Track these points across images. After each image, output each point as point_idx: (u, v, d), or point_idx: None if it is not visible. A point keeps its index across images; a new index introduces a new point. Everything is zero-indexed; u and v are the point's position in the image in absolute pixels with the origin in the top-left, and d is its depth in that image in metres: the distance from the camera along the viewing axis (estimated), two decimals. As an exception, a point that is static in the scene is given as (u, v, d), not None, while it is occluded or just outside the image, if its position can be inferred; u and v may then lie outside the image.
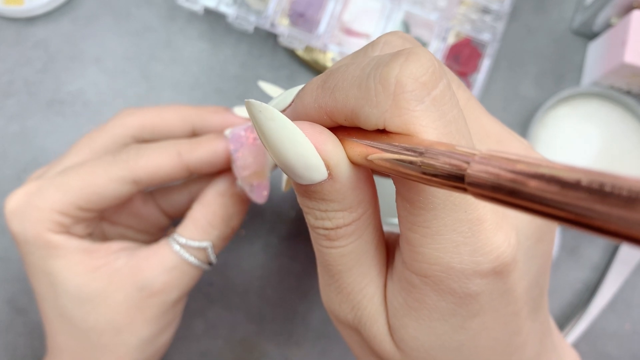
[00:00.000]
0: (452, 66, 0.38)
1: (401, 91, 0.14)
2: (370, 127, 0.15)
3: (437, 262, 0.16)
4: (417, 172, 0.13)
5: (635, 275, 0.40)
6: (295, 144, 0.15)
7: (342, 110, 0.15)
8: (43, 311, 0.27)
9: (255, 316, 0.39)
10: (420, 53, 0.15)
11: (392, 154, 0.14)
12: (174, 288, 0.27)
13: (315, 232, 0.18)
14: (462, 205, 0.15)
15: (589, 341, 0.40)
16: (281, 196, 0.40)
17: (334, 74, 0.16)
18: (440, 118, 0.15)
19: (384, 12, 0.39)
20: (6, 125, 0.40)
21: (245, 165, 0.25)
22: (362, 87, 0.15)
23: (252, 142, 0.25)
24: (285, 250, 0.40)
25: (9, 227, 0.26)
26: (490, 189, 0.10)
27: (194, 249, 0.26)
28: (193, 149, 0.26)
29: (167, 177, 0.26)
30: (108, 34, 0.41)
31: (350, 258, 0.18)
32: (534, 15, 0.43)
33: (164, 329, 0.28)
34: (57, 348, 0.27)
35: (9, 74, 0.40)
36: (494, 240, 0.16)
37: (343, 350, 0.39)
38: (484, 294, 0.17)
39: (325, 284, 0.19)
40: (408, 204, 0.16)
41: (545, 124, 0.40)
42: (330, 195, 0.16)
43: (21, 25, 0.41)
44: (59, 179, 0.25)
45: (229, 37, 0.41)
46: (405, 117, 0.14)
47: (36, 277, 0.26)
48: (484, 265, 0.16)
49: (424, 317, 0.17)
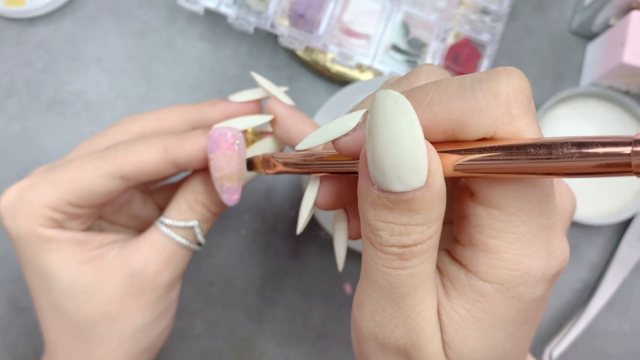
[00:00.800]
0: (451, 67, 0.39)
1: (513, 100, 0.16)
2: (477, 137, 0.16)
3: (518, 267, 0.17)
4: (571, 160, 0.14)
5: (633, 275, 0.40)
6: (414, 143, 0.15)
7: (442, 123, 0.16)
8: (38, 306, 0.27)
9: (255, 316, 0.39)
10: (517, 70, 0.16)
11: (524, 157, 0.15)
12: (165, 270, 0.27)
13: (385, 251, 0.17)
14: (544, 211, 0.17)
15: (588, 340, 0.40)
16: (281, 196, 0.40)
17: (419, 91, 0.17)
18: (537, 124, 0.16)
19: (384, 12, 0.39)
20: (7, 126, 0.40)
21: (218, 167, 0.25)
22: (469, 98, 0.16)
23: (224, 147, 0.25)
24: (285, 250, 0.40)
25: (3, 223, 0.26)
26: None
27: (181, 229, 0.27)
28: (179, 144, 0.26)
29: (154, 173, 0.26)
30: (109, 34, 0.41)
31: (418, 279, 0.17)
32: (533, 15, 0.43)
33: (158, 318, 0.28)
34: (52, 343, 0.27)
35: (10, 74, 0.41)
36: (562, 245, 0.17)
37: (343, 349, 0.39)
38: (541, 299, 0.18)
39: (376, 310, 0.18)
40: (497, 211, 0.17)
41: (545, 124, 0.40)
42: (420, 205, 0.16)
43: (22, 26, 0.41)
44: (49, 175, 0.26)
45: (230, 38, 0.42)
46: (517, 124, 0.16)
47: (30, 272, 0.26)
48: (554, 269, 0.17)
49: (487, 328, 0.17)
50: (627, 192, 0.39)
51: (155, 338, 0.28)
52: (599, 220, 0.39)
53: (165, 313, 0.28)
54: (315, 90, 0.41)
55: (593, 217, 0.39)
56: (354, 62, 0.38)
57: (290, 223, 0.40)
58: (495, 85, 0.16)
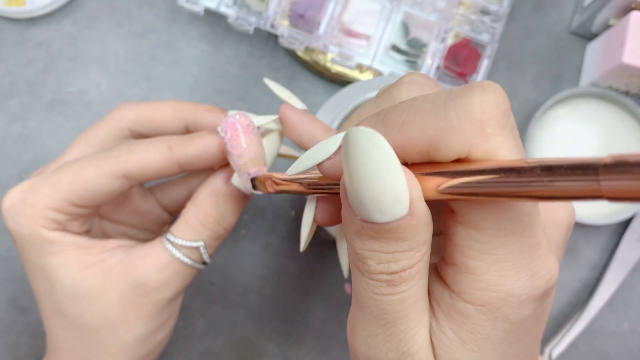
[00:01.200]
0: (451, 67, 0.39)
1: (488, 117, 0.15)
2: (450, 157, 0.15)
3: (499, 289, 0.16)
4: (536, 186, 0.14)
5: (633, 275, 0.40)
6: (393, 176, 0.15)
7: (417, 143, 0.16)
8: (41, 308, 0.27)
9: (256, 315, 0.39)
10: (494, 85, 0.15)
11: (492, 176, 0.15)
12: (167, 287, 0.27)
13: (374, 278, 0.17)
14: (527, 231, 0.16)
15: (588, 340, 0.40)
16: (281, 196, 0.40)
17: (393, 111, 0.16)
18: (516, 141, 0.16)
19: (384, 13, 0.39)
20: (8, 126, 0.40)
21: (241, 153, 0.25)
22: (442, 117, 0.15)
23: (244, 129, 0.24)
24: (285, 250, 0.40)
25: (6, 225, 0.26)
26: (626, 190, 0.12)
27: (187, 248, 0.27)
28: (184, 144, 0.26)
29: (157, 172, 0.26)
30: (109, 34, 0.41)
31: (409, 303, 0.17)
32: (532, 16, 0.43)
33: (159, 328, 0.28)
34: (55, 345, 0.27)
35: (11, 74, 0.41)
36: (548, 264, 0.17)
37: (343, 349, 0.39)
38: (531, 318, 0.17)
39: (368, 335, 0.18)
40: (476, 232, 0.16)
41: (544, 125, 0.40)
42: (405, 232, 0.16)
43: (23, 26, 0.41)
44: (51, 177, 0.26)
45: (230, 38, 0.42)
46: (492, 142, 0.15)
47: (33, 273, 0.26)
48: (539, 289, 0.16)
49: (475, 349, 0.17)
50: (627, 192, 0.40)
51: (155, 345, 0.28)
52: (598, 220, 0.39)
53: (166, 322, 0.28)
54: (315, 91, 0.41)
55: (593, 217, 0.39)
56: (353, 62, 0.38)
57: (290, 223, 0.40)
58: (468, 102, 0.15)
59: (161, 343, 0.29)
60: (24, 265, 0.27)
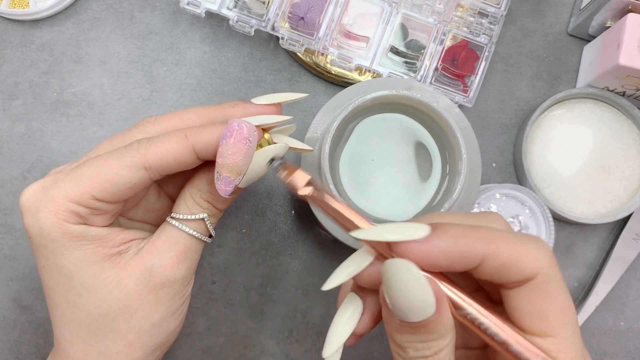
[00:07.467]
0: (449, 68, 0.39)
1: None
2: None
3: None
4: None
5: (629, 274, 0.41)
6: (422, 289, 0.20)
7: None
8: (52, 304, 0.27)
9: (257, 314, 0.40)
10: None
11: None
12: (180, 263, 0.28)
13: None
14: None
15: (585, 338, 0.40)
16: (281, 195, 0.41)
17: None
18: None
19: (383, 15, 0.40)
20: (12, 126, 0.41)
21: (223, 154, 0.25)
22: None
23: (236, 139, 0.25)
24: (285, 248, 0.40)
25: (23, 221, 0.26)
26: None
27: (192, 221, 0.28)
28: (199, 131, 0.26)
29: (175, 161, 0.26)
30: (112, 37, 0.42)
31: None
32: (529, 18, 0.43)
33: (174, 314, 0.29)
34: (66, 341, 0.27)
35: (15, 76, 0.41)
36: None
37: (343, 348, 0.40)
38: None
39: None
40: None
41: (541, 125, 0.41)
42: (435, 326, 0.20)
43: (26, 28, 0.42)
44: (73, 171, 0.26)
45: (231, 40, 0.42)
46: None
47: (47, 269, 0.26)
48: None
49: None
50: (623, 192, 0.40)
51: (169, 335, 0.29)
52: (595, 220, 0.39)
53: (180, 310, 0.29)
54: (315, 92, 0.42)
55: (589, 217, 0.39)
56: (353, 64, 0.39)
57: (291, 222, 0.41)
58: None
59: (172, 334, 0.29)
60: (37, 261, 0.27)
